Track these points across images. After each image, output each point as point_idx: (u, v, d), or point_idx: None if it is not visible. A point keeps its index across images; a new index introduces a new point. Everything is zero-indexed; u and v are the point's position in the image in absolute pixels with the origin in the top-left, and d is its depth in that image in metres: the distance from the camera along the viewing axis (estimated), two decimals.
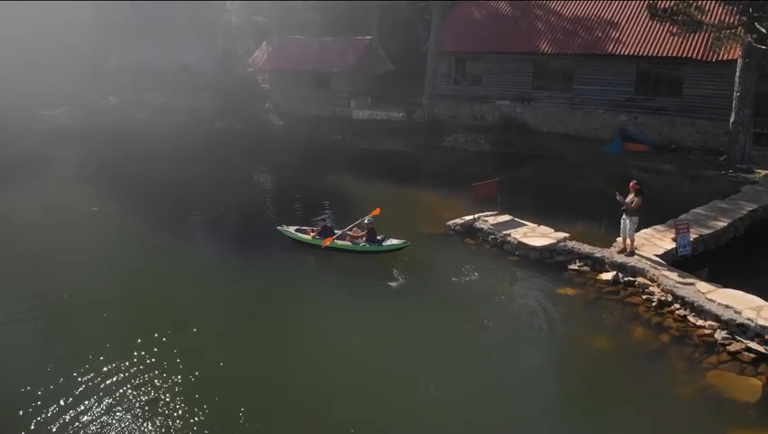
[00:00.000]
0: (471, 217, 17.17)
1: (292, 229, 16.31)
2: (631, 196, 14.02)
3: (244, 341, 11.82)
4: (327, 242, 15.15)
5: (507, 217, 17.03)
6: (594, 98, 29.89)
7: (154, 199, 21.82)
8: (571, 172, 24.89)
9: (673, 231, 14.62)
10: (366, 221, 15.49)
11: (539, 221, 16.73)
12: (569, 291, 13.65)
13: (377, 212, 15.80)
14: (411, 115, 34.41)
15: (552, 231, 16.00)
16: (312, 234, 15.85)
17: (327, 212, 19.98)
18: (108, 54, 42.26)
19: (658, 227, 15.93)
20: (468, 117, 33.45)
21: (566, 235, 15.60)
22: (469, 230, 16.93)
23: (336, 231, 15.66)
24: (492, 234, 16.22)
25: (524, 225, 16.54)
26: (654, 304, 12.65)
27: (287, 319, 12.64)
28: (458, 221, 17.25)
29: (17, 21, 40.04)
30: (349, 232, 15.68)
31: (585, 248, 15.01)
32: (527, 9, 33.15)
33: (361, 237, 15.54)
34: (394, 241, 15.26)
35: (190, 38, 42.04)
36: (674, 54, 26.98)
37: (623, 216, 14.14)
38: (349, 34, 38.49)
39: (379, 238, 15.34)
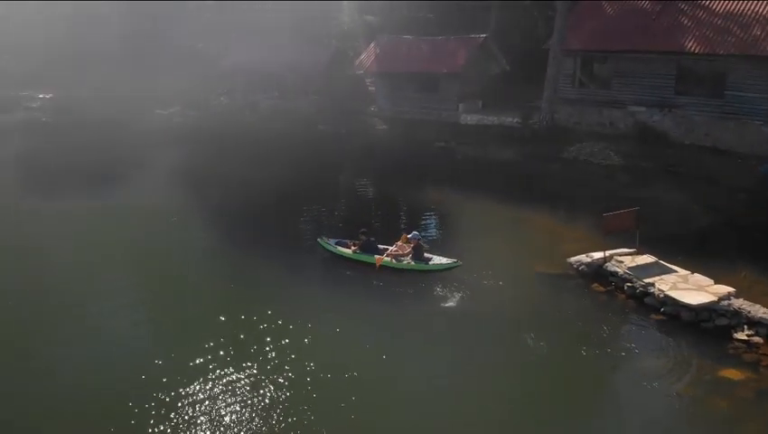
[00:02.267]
0: (600, 255, 13.92)
1: (332, 241, 15.28)
2: None
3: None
4: (380, 262, 14.00)
5: (648, 258, 13.57)
6: (750, 107, 24.96)
7: (240, 204, 20.93)
8: (723, 196, 20.51)
9: None
10: (411, 236, 14.36)
11: (692, 265, 13.17)
12: (735, 374, 10.10)
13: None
14: (527, 120, 30.97)
15: (711, 281, 12.39)
16: (353, 248, 14.71)
17: (422, 232, 17.63)
18: (223, 54, 42.55)
19: None
20: (595, 124, 29.46)
21: (731, 290, 11.96)
22: (597, 272, 13.69)
23: (380, 247, 14.57)
24: (629, 281, 12.89)
25: (672, 271, 13.03)
26: None
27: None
28: (583, 258, 14.04)
29: (138, 22, 41.44)
30: (393, 248, 14.44)
31: (759, 310, 11.35)
32: (669, 3, 28.57)
33: (407, 254, 14.22)
34: (442, 260, 14.01)
35: (301, 39, 41.29)
36: None
37: None
38: (462, 32, 35.67)
39: (426, 256, 14.10)
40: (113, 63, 43.56)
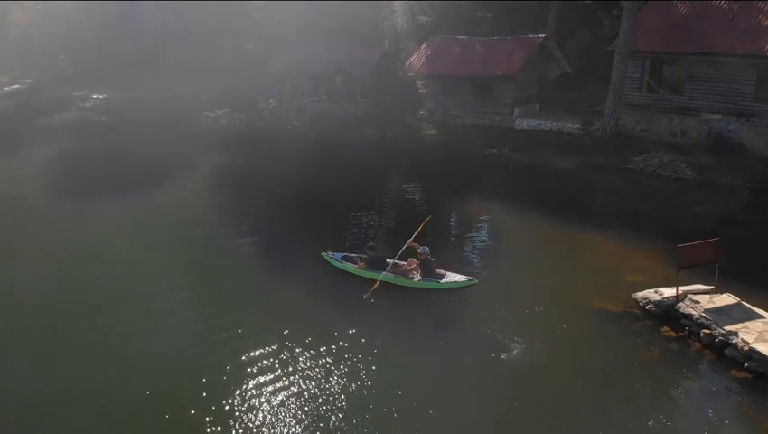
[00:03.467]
0: (672, 292, 12.03)
1: (337, 256, 14.33)
2: None
3: None
4: (376, 287, 12.79)
5: (729, 298, 11.59)
6: None
7: (278, 210, 20.30)
8: None
9: None
10: (420, 250, 13.25)
11: None
12: None
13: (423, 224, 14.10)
14: (588, 127, 28.76)
15: None
16: (360, 264, 13.82)
17: (466, 248, 16.15)
18: (272, 56, 41.98)
19: None
20: (664, 132, 26.99)
21: None
22: (668, 313, 11.81)
23: (389, 261, 13.64)
24: (707, 327, 10.97)
25: (758, 316, 11.03)
26: None
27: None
28: (651, 295, 12.18)
29: (189, 24, 41.38)
30: (402, 263, 13.57)
31: None
32: (748, 2, 25.80)
33: (414, 269, 13.38)
34: (456, 278, 12.96)
35: (350, 40, 40.20)
36: None
37: None
38: (520, 32, 33.67)
39: (439, 272, 13.13)
40: (164, 65, 43.75)
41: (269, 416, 9.31)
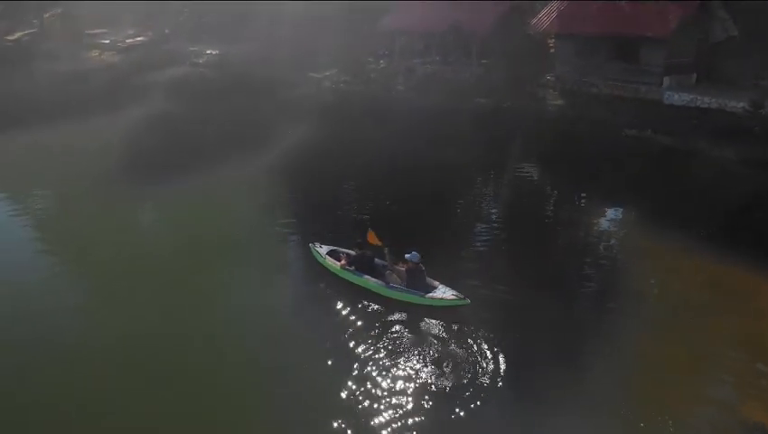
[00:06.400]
0: None
1: (324, 250, 12.55)
2: None
3: None
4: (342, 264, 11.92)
5: None
6: None
7: (361, 189, 18.21)
8: None
9: None
10: (407, 257, 11.30)
11: None
12: None
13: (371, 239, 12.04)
14: (758, 107, 22.89)
15: None
16: (342, 262, 11.99)
17: (562, 270, 12.40)
18: (384, 13, 38.64)
19: None
20: None
21: None
22: None
23: (378, 261, 11.97)
24: None
25: None
26: None
27: None
28: None
29: None
30: (393, 266, 11.68)
31: None
32: None
33: (400, 276, 11.50)
34: (445, 295, 10.93)
35: None
36: None
37: None
38: None
39: (431, 282, 11.28)
40: (278, 22, 42.00)
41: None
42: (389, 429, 8.31)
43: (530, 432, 8.36)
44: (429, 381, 9.25)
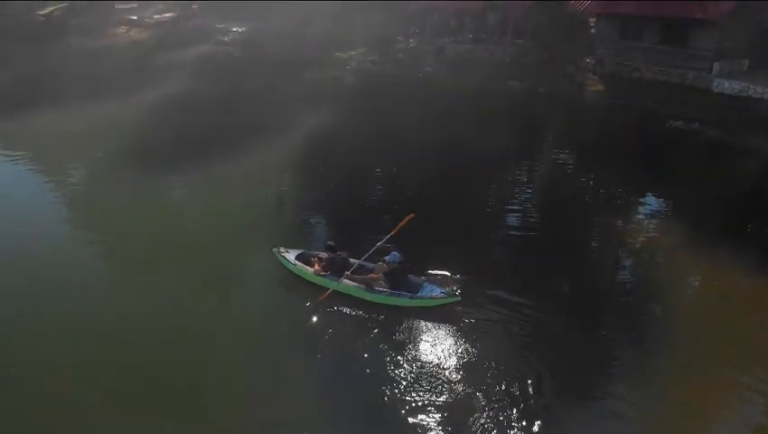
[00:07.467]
0: None
1: (291, 255, 11.29)
2: None
3: None
4: (326, 296, 10.34)
5: None
6: None
7: (375, 180, 16.89)
8: None
9: None
10: (388, 259, 10.40)
11: None
12: None
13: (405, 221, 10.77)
14: None
15: None
16: (316, 267, 10.90)
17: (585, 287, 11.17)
18: None
19: None
20: None
21: None
22: None
23: (354, 261, 10.85)
24: None
25: None
26: None
27: None
28: None
29: None
30: (370, 266, 10.75)
31: None
32: None
33: (378, 279, 10.49)
34: (433, 294, 10.20)
35: None
36: None
37: None
38: None
39: (415, 280, 10.46)
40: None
41: None
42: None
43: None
44: (423, 385, 8.50)
